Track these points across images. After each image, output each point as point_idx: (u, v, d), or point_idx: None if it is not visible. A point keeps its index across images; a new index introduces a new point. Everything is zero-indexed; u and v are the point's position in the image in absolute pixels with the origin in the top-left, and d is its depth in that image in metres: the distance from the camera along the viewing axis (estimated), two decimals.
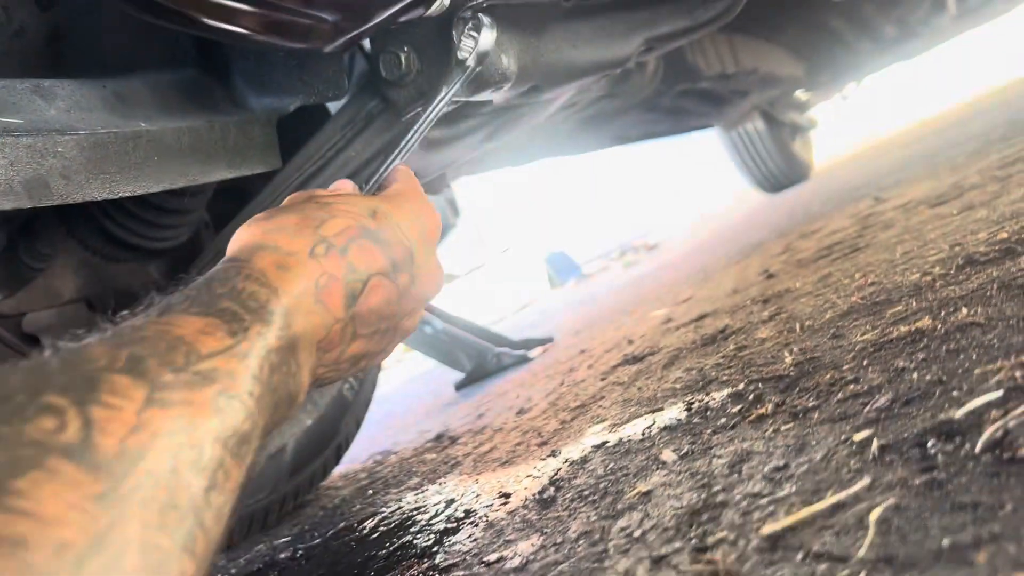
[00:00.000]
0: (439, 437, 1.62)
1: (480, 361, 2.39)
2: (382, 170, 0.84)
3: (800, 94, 4.45)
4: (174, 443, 0.42)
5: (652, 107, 2.65)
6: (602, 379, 1.36)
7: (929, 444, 0.54)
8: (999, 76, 7.30)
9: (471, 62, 0.95)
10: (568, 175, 10.60)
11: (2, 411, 0.39)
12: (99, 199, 0.92)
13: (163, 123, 0.99)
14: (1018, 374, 0.58)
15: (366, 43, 1.17)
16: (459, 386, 2.41)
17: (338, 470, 1.82)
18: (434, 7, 0.93)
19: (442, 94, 0.94)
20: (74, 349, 0.45)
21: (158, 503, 0.40)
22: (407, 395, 3.25)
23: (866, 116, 8.12)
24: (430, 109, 0.92)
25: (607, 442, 0.94)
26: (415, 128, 0.90)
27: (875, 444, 0.58)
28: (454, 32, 1.03)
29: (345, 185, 0.78)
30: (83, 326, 0.52)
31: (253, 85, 1.15)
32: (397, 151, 0.87)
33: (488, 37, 0.96)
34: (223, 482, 0.44)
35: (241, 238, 0.63)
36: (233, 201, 1.41)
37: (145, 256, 1.42)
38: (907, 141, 4.71)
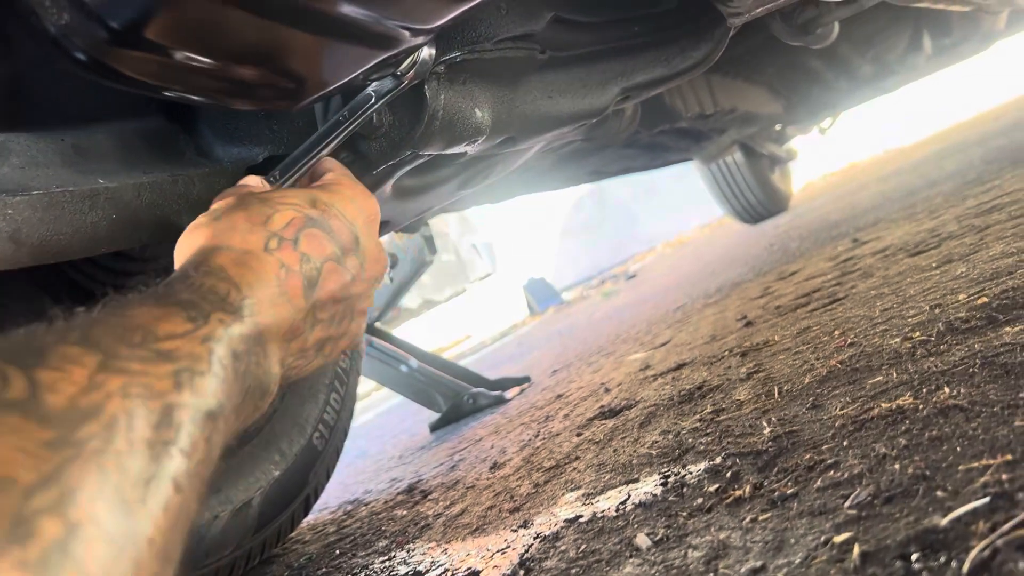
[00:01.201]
0: (411, 489, 1.58)
1: (455, 401, 2.35)
2: (301, 165, 0.84)
3: (778, 128, 4.48)
4: (132, 404, 0.40)
5: (630, 143, 2.64)
6: (577, 434, 1.33)
7: (914, 558, 0.51)
8: (971, 109, 7.42)
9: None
10: (552, 200, 10.61)
11: None
12: (51, 262, 0.88)
13: (123, 178, 0.95)
14: (1004, 477, 0.56)
15: None
16: (434, 427, 2.36)
17: (308, 519, 1.77)
18: (404, 66, 0.90)
19: (372, 100, 0.92)
20: (23, 331, 0.43)
21: (116, 454, 0.37)
22: (381, 430, 3.20)
23: (843, 145, 8.21)
24: (362, 111, 0.91)
25: (580, 516, 0.90)
26: (342, 128, 0.89)
27: (856, 550, 0.55)
28: (426, 87, 1.01)
29: (252, 179, 0.80)
30: None
31: (220, 135, 1.12)
32: (318, 148, 0.86)
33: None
34: (189, 450, 0.42)
35: (191, 244, 0.63)
36: None
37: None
38: (884, 174, 4.76)
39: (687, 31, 1.37)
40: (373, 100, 0.93)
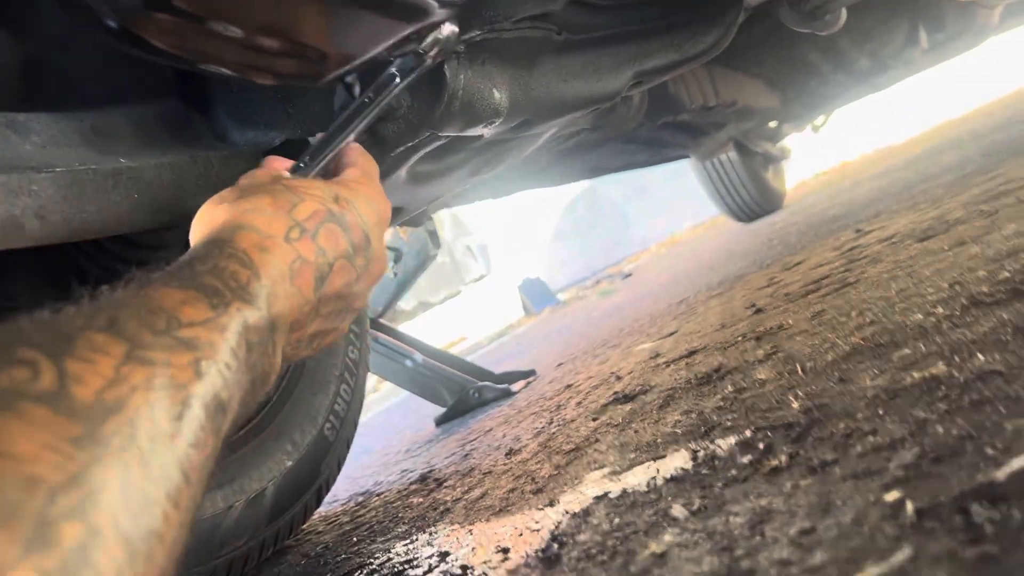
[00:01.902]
0: (424, 478, 1.57)
1: (461, 395, 2.34)
2: (330, 149, 0.84)
3: (773, 124, 4.50)
4: (154, 397, 0.41)
5: (630, 138, 2.66)
6: (593, 419, 1.32)
7: (973, 510, 0.51)
8: (962, 107, 7.46)
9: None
10: (544, 202, 10.62)
11: None
12: (76, 240, 0.88)
13: (144, 158, 0.95)
14: None
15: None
16: (439, 421, 2.36)
17: (319, 512, 1.76)
18: (426, 43, 0.90)
19: (397, 80, 0.91)
20: (50, 313, 0.44)
21: (139, 450, 0.38)
22: (385, 428, 3.18)
23: (835, 144, 8.24)
24: (387, 91, 0.90)
25: (609, 492, 0.90)
26: (368, 109, 0.88)
27: (910, 507, 0.55)
28: (446, 67, 1.00)
29: (278, 161, 0.81)
30: None
31: (237, 119, 1.11)
32: (346, 132, 0.86)
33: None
34: (203, 444, 0.44)
35: (215, 217, 0.64)
36: None
37: None
38: (879, 172, 4.77)
39: (700, 16, 1.38)
40: (398, 80, 0.93)
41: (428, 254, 2.48)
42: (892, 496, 0.58)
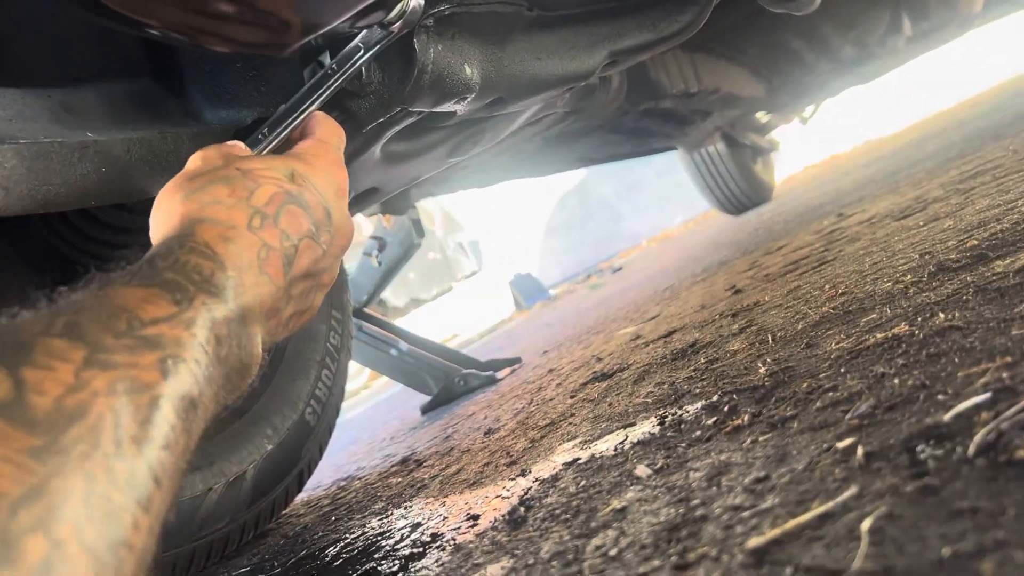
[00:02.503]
0: (405, 460, 1.57)
1: (446, 383, 2.34)
2: (290, 121, 0.83)
3: (761, 116, 4.51)
4: (118, 401, 0.40)
5: (616, 128, 2.65)
6: (571, 397, 1.33)
7: (918, 449, 0.52)
8: (949, 99, 7.49)
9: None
10: (536, 198, 10.62)
11: None
12: (41, 212, 0.88)
13: (112, 134, 0.95)
14: (1005, 375, 0.56)
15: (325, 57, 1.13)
16: (425, 409, 2.36)
17: (301, 497, 1.76)
18: (394, 12, 0.90)
19: (361, 52, 0.90)
20: (5, 321, 0.42)
21: (103, 457, 0.37)
22: (372, 420, 3.19)
23: (824, 137, 8.26)
24: (351, 63, 0.90)
25: (578, 459, 0.90)
26: (331, 81, 0.88)
27: (860, 451, 0.55)
28: (415, 41, 1.01)
29: (237, 146, 0.77)
30: None
31: (209, 96, 1.11)
32: (307, 104, 0.85)
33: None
34: (174, 444, 0.42)
35: (173, 211, 0.62)
36: None
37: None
38: (866, 161, 4.79)
39: None
40: (362, 51, 0.93)
41: (412, 243, 2.47)
42: (845, 443, 0.59)
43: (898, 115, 8.08)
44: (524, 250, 10.65)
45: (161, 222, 0.64)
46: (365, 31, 0.92)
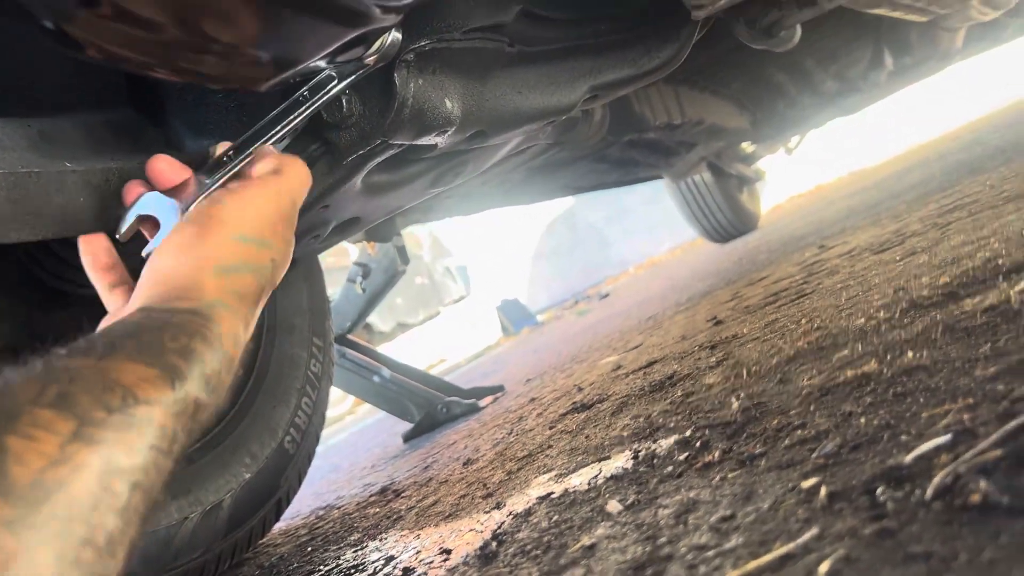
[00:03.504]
0: (383, 490, 1.56)
1: (429, 411, 2.34)
2: (259, 143, 0.83)
3: (746, 146, 4.56)
4: (97, 484, 0.39)
5: (601, 157, 2.67)
6: (550, 428, 1.33)
7: (878, 491, 0.52)
8: (931, 131, 7.59)
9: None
10: (524, 223, 10.65)
11: None
12: (19, 242, 0.88)
13: (91, 163, 0.95)
14: (966, 417, 0.57)
15: None
16: (407, 437, 2.35)
17: (279, 526, 1.74)
18: (374, 47, 0.91)
19: (335, 81, 0.91)
20: (2, 383, 0.42)
21: (75, 538, 0.37)
22: (354, 447, 3.17)
23: (810, 167, 8.34)
24: (323, 91, 0.90)
25: (552, 493, 0.90)
26: (302, 109, 0.88)
27: (823, 492, 0.56)
28: (396, 75, 1.02)
29: (190, 183, 0.79)
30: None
31: (190, 126, 1.12)
32: (277, 129, 0.86)
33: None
34: (137, 521, 0.42)
35: (195, 280, 0.64)
36: None
37: (76, 304, 1.36)
38: (850, 192, 4.84)
39: (654, 31, 1.40)
40: (336, 81, 0.93)
41: (396, 270, 2.48)
42: (809, 483, 0.59)
43: (883, 146, 8.17)
44: (512, 275, 10.67)
45: (164, 280, 0.65)
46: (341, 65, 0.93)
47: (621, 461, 0.90)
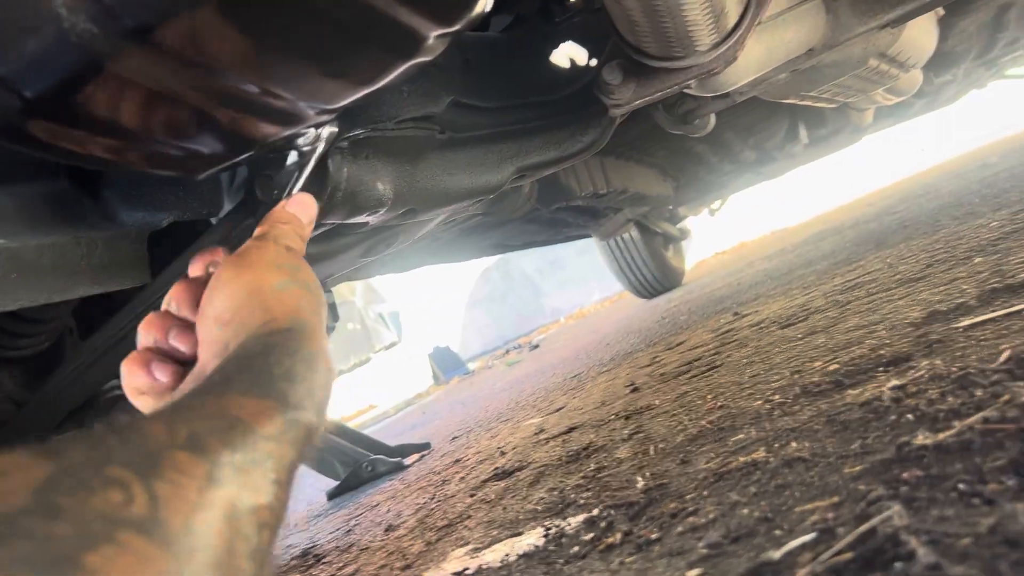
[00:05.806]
0: (304, 554, 1.58)
1: (354, 469, 2.35)
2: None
3: (671, 208, 4.73)
4: (230, 528, 0.40)
5: (531, 219, 2.76)
6: (471, 495, 1.37)
7: None
8: (851, 194, 7.97)
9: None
10: (456, 273, 10.71)
11: (66, 483, 0.36)
12: None
13: (25, 239, 0.97)
14: (830, 515, 0.64)
15: None
16: (332, 495, 2.35)
17: None
18: (307, 138, 0.96)
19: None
20: (131, 425, 0.43)
21: None
22: None
23: (734, 225, 8.64)
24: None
25: (467, 569, 0.95)
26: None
27: None
28: (329, 161, 1.07)
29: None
30: None
31: (125, 199, 1.14)
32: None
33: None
34: (267, 563, 0.43)
35: (260, 304, 0.62)
36: (100, 306, 1.37)
37: (2, 364, 1.36)
38: (769, 254, 5.04)
39: (576, 118, 1.49)
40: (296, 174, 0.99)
41: (328, 325, 2.50)
42: (693, 573, 0.65)
43: (804, 206, 8.55)
44: (446, 322, 10.69)
45: (259, 303, 0.63)
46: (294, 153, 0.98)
47: (533, 538, 0.95)
